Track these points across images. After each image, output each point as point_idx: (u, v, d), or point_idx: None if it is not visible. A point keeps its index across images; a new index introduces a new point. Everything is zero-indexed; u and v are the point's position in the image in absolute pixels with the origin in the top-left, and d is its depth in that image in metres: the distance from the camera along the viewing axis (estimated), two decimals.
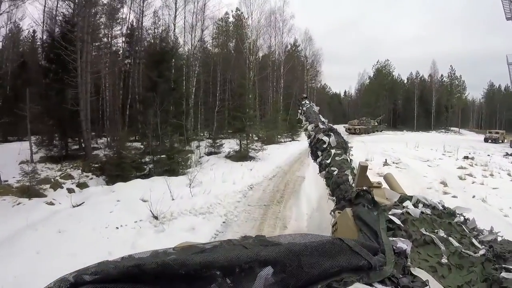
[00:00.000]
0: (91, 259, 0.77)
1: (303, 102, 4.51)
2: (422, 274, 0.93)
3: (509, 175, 10.45)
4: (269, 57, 29.34)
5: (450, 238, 1.20)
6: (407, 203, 1.51)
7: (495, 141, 27.25)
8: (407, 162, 11.79)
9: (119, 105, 18.57)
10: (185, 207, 6.00)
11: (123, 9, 19.98)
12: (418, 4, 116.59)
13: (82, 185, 8.89)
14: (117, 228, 4.95)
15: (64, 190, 8.53)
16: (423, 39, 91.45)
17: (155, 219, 5.29)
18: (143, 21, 19.87)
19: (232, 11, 28.31)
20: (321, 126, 3.50)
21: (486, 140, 27.80)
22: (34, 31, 22.21)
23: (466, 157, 13.73)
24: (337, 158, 2.95)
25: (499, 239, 1.31)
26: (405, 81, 51.84)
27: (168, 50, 15.92)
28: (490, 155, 16.12)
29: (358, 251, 0.85)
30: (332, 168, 2.85)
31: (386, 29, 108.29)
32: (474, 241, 1.24)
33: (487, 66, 71.27)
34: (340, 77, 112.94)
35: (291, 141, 22.10)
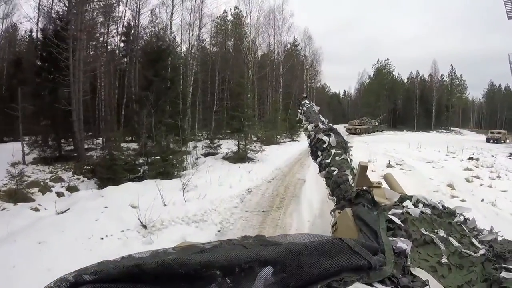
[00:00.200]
0: None
1: (303, 102, 4.44)
2: (422, 274, 0.93)
3: None
4: (268, 56, 29.00)
5: (450, 238, 1.20)
6: (407, 203, 1.52)
7: (497, 141, 27.16)
8: (411, 164, 11.44)
9: (114, 104, 18.24)
10: (177, 214, 5.62)
11: (119, 7, 19.65)
12: (418, 4, 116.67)
13: (72, 189, 8.53)
14: (101, 238, 4.57)
15: (53, 194, 8.20)
16: (423, 39, 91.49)
17: (143, 228, 4.89)
18: (139, 19, 19.53)
19: (230, 9, 27.96)
20: (321, 126, 3.49)
21: (488, 141, 27.63)
22: (31, 30, 21.89)
23: (470, 158, 13.43)
24: (337, 158, 2.95)
25: (499, 238, 1.30)
26: (405, 81, 51.71)
27: (164, 48, 15.59)
28: (494, 155, 15.86)
29: (358, 250, 0.85)
30: (332, 168, 2.86)
31: (386, 28, 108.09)
32: (474, 240, 1.24)
33: (488, 65, 71.26)
34: (340, 77, 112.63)
35: (290, 141, 21.70)
